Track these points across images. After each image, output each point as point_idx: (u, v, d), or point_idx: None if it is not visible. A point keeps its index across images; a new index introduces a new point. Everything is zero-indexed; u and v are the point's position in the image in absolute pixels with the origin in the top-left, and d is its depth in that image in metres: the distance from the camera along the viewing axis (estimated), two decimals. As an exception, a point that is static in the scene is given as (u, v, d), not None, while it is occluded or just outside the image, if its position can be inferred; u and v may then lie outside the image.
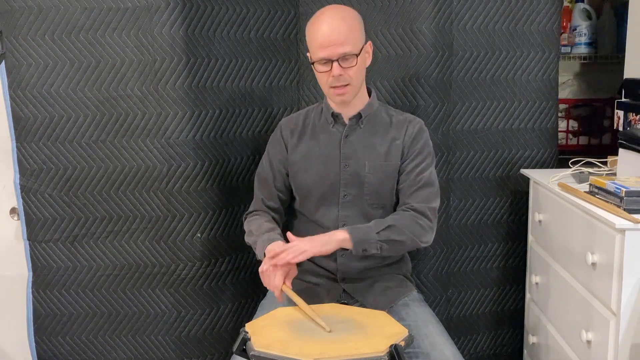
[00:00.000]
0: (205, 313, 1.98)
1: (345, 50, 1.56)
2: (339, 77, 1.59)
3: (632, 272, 1.37)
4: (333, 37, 1.56)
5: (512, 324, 2.19)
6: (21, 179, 1.90)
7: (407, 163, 1.68)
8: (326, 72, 1.60)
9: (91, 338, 1.99)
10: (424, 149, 1.69)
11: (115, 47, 1.81)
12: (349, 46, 1.57)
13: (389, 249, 1.60)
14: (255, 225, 1.69)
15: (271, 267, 1.51)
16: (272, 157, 1.76)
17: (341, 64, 1.57)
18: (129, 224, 1.90)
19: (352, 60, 1.58)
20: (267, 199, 1.76)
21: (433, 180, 1.69)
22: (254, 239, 1.66)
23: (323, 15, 1.60)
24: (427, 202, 1.65)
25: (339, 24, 1.57)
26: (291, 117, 1.82)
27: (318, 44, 1.58)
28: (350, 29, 1.58)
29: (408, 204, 1.65)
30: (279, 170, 1.75)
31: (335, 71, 1.58)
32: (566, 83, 2.53)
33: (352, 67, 1.58)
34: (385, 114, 1.73)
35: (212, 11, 1.87)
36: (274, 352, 1.25)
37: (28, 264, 1.96)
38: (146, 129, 1.84)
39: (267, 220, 1.71)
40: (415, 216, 1.63)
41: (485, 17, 1.99)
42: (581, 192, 1.61)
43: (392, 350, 1.25)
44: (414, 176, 1.67)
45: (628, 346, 1.40)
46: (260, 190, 1.78)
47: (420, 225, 1.62)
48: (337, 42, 1.56)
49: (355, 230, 1.58)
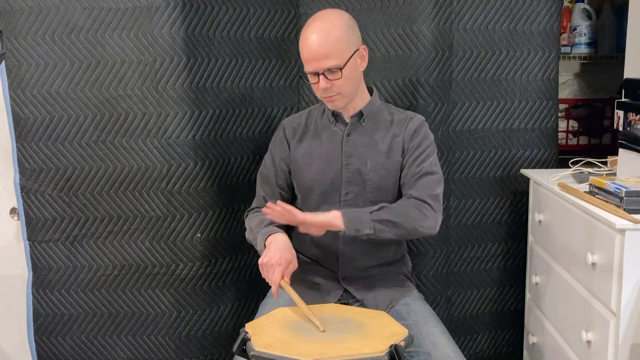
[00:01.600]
0: (205, 313, 1.98)
1: (329, 64, 1.56)
2: (327, 89, 1.60)
3: (632, 272, 1.37)
4: (317, 52, 1.56)
5: (512, 324, 2.19)
6: (21, 179, 1.90)
7: (408, 157, 1.68)
8: (315, 83, 1.62)
9: (91, 338, 1.99)
10: (423, 142, 1.68)
11: (115, 47, 1.81)
12: (333, 60, 1.56)
13: (384, 230, 1.57)
14: (256, 222, 1.70)
15: (271, 260, 1.52)
16: (275, 155, 1.77)
17: (327, 77, 1.58)
18: (129, 224, 1.91)
19: (337, 74, 1.58)
20: (269, 197, 1.76)
21: (433, 168, 1.67)
22: (254, 235, 1.67)
23: (310, 28, 1.59)
24: (427, 189, 1.63)
25: (324, 38, 1.56)
26: (294, 116, 1.83)
27: (304, 57, 1.60)
28: (336, 41, 1.56)
29: (407, 194, 1.64)
30: (281, 168, 1.76)
31: (321, 84, 1.59)
32: (566, 83, 2.53)
33: (338, 80, 1.59)
34: (387, 113, 1.74)
35: (212, 11, 1.87)
36: (274, 352, 1.25)
37: (28, 264, 1.96)
38: (146, 129, 1.84)
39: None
40: (413, 202, 1.61)
41: (485, 17, 1.99)
42: (581, 192, 1.61)
43: (392, 350, 1.25)
44: (414, 168, 1.66)
45: (628, 346, 1.40)
46: (262, 188, 1.79)
47: (419, 210, 1.59)
48: (320, 57, 1.56)
49: (347, 210, 1.58)
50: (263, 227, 1.64)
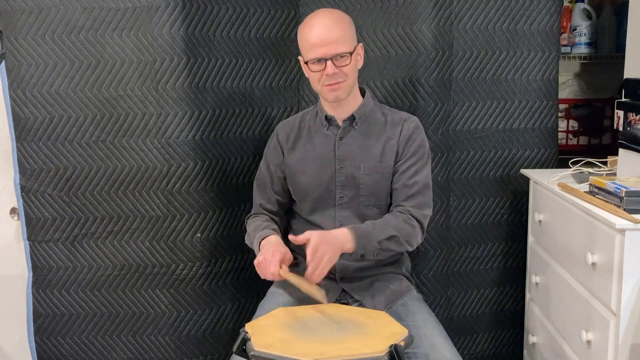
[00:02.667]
0: (205, 313, 1.98)
1: (340, 49, 1.58)
2: (334, 75, 1.60)
3: (632, 272, 1.37)
4: (327, 37, 1.57)
5: (512, 324, 2.19)
6: (21, 179, 1.90)
7: (402, 163, 1.68)
8: (320, 71, 1.61)
9: (91, 338, 1.99)
10: (419, 150, 1.69)
11: (115, 47, 1.81)
12: (343, 45, 1.59)
13: (382, 256, 1.64)
14: (253, 227, 1.73)
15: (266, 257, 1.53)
16: (270, 162, 1.79)
17: (335, 63, 1.59)
18: (129, 224, 1.91)
19: (347, 59, 1.60)
20: (266, 203, 1.79)
21: (427, 182, 1.70)
22: (250, 239, 1.72)
23: (316, 17, 1.62)
24: (423, 208, 1.67)
25: (333, 24, 1.59)
26: (287, 120, 1.83)
27: (312, 44, 1.60)
28: (343, 29, 1.60)
29: (404, 207, 1.66)
30: (276, 174, 1.77)
31: (329, 70, 1.59)
32: (566, 83, 2.53)
33: (347, 66, 1.60)
34: (380, 114, 1.74)
35: (212, 11, 1.87)
36: (274, 352, 1.25)
37: (28, 264, 1.96)
38: (146, 129, 1.84)
39: (264, 219, 1.75)
40: (413, 225, 1.65)
41: (485, 17, 1.99)
42: (581, 192, 1.61)
43: (392, 350, 1.25)
44: (407, 177, 1.67)
45: (628, 346, 1.40)
46: (259, 195, 1.81)
47: (415, 235, 1.65)
48: (331, 42, 1.57)
49: (359, 236, 1.56)
50: (259, 231, 1.68)
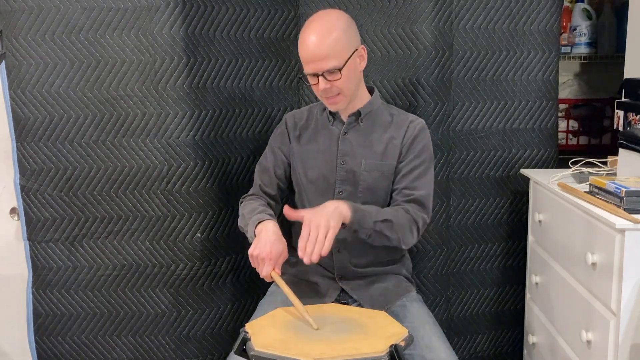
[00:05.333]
0: (205, 313, 1.98)
1: (328, 65, 1.55)
2: (326, 90, 1.59)
3: (632, 272, 1.37)
4: (316, 54, 1.55)
5: (512, 324, 2.19)
6: (21, 179, 1.90)
7: (405, 164, 1.68)
8: (315, 84, 1.61)
9: (91, 338, 1.99)
10: (423, 152, 1.69)
11: (115, 47, 1.81)
12: (332, 61, 1.55)
13: (374, 240, 1.59)
14: (248, 209, 1.67)
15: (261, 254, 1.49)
16: (275, 146, 1.78)
17: (327, 78, 1.58)
18: (129, 224, 1.91)
19: (336, 74, 1.57)
20: (266, 185, 1.76)
21: (430, 187, 1.69)
22: (245, 221, 1.65)
23: (308, 29, 1.58)
24: (422, 212, 1.66)
25: (322, 38, 1.55)
26: (296, 111, 1.83)
27: (303, 59, 1.59)
28: (335, 41, 1.56)
29: (404, 207, 1.64)
30: (281, 158, 1.76)
31: (321, 85, 1.58)
32: (566, 83, 2.53)
33: (338, 80, 1.58)
34: (387, 113, 1.74)
35: (212, 11, 1.87)
36: (274, 352, 1.25)
37: (28, 264, 1.96)
38: (146, 129, 1.84)
39: (260, 203, 1.70)
40: (411, 222, 1.63)
41: (485, 17, 1.99)
42: (581, 192, 1.61)
43: (392, 350, 1.25)
44: (410, 180, 1.66)
45: (628, 346, 1.40)
46: (260, 176, 1.78)
47: (411, 232, 1.63)
48: (319, 59, 1.55)
49: (356, 209, 1.53)
50: (255, 215, 1.62)
